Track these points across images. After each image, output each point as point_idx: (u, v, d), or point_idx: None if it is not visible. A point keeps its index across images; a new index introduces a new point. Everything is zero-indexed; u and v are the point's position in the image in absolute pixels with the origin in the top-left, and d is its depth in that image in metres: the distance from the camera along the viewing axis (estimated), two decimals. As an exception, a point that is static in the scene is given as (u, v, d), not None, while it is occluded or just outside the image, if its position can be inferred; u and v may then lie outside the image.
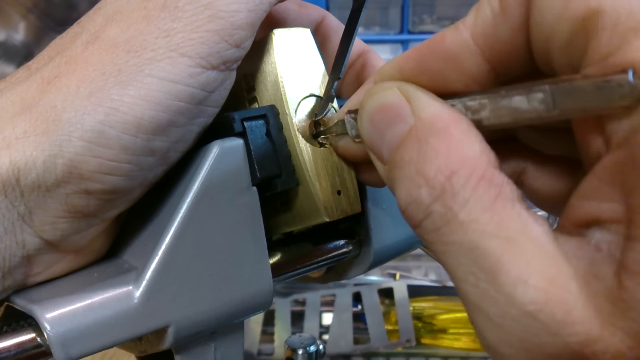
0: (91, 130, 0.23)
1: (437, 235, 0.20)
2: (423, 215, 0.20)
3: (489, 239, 0.18)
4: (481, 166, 0.20)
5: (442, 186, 0.20)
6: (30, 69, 0.26)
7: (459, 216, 0.19)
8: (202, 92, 0.24)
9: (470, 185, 0.19)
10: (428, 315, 0.75)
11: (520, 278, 0.18)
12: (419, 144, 0.21)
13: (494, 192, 0.19)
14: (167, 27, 0.24)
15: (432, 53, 0.22)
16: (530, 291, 0.18)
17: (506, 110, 0.20)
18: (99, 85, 0.23)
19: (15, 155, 0.22)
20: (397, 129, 0.22)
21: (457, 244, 0.19)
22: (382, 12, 1.23)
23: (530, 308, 0.18)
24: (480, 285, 0.19)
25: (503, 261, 0.18)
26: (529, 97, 0.19)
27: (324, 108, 0.28)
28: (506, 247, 0.18)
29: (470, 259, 0.19)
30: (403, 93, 0.22)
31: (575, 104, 0.18)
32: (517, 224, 0.19)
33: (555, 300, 0.17)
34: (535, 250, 0.18)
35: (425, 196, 0.20)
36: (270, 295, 0.28)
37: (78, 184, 0.23)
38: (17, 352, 0.22)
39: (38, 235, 0.24)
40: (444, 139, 0.20)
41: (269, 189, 0.28)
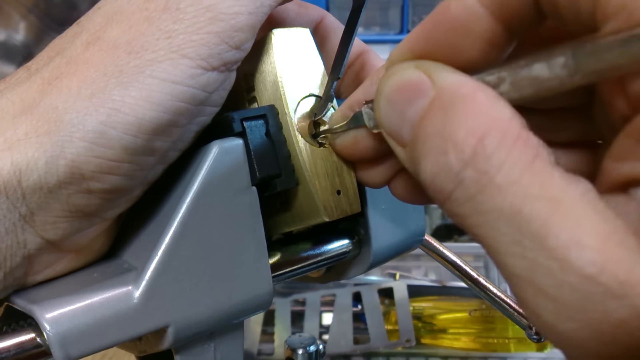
0: (93, 131, 0.23)
1: (471, 206, 0.18)
2: (453, 185, 0.18)
3: (532, 201, 0.17)
4: (515, 127, 0.18)
5: (474, 149, 0.18)
6: (30, 70, 0.26)
7: (496, 179, 0.17)
8: (203, 93, 0.24)
9: (505, 146, 0.18)
10: (428, 315, 0.75)
11: (572, 239, 0.16)
12: (444, 112, 0.19)
13: (532, 153, 0.18)
14: (168, 29, 0.24)
15: (440, 26, 0.20)
16: (587, 252, 0.16)
17: (527, 81, 0.19)
18: (100, 86, 0.23)
19: (17, 157, 0.23)
20: (419, 104, 0.20)
21: (497, 211, 0.17)
22: (382, 12, 1.23)
23: (589, 271, 0.16)
24: (528, 254, 0.17)
25: (551, 223, 0.16)
26: (549, 63, 0.18)
27: (323, 108, 0.28)
28: (552, 208, 0.17)
29: (513, 226, 0.17)
30: (421, 69, 0.21)
31: (598, 64, 0.17)
32: (560, 184, 0.17)
33: (616, 259, 0.16)
34: (585, 209, 0.17)
35: (455, 162, 0.18)
36: (270, 295, 0.28)
37: (79, 184, 0.23)
38: (17, 352, 0.23)
39: (39, 235, 0.24)
40: (472, 103, 0.19)
41: (269, 188, 0.28)
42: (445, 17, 0.20)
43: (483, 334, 0.71)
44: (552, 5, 0.19)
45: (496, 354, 0.70)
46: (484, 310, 0.72)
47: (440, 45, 0.21)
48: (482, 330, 0.71)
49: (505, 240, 0.17)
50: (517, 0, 0.19)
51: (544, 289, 0.17)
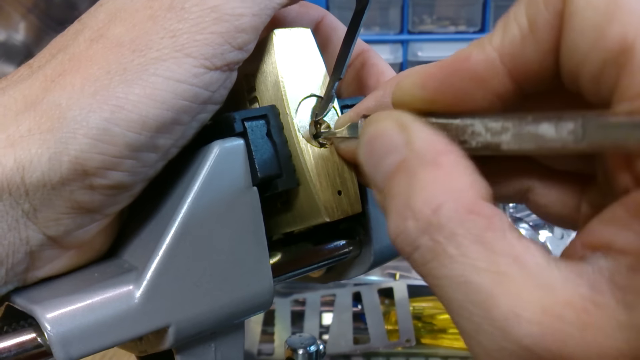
0: (96, 128, 0.23)
1: (427, 269, 0.19)
2: (411, 249, 0.20)
3: (479, 273, 0.18)
4: (469, 198, 0.19)
5: (429, 219, 0.19)
6: (32, 67, 0.26)
7: (448, 250, 0.19)
8: (206, 92, 0.25)
9: (457, 218, 0.19)
10: (428, 315, 0.75)
11: (513, 312, 0.17)
12: (408, 177, 0.20)
13: (483, 224, 0.19)
14: (172, 28, 0.24)
15: (457, 72, 0.21)
16: (524, 325, 0.17)
17: (530, 137, 0.19)
18: (104, 84, 0.23)
19: (20, 154, 0.23)
20: (391, 160, 0.21)
21: (448, 279, 0.19)
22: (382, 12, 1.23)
23: (526, 342, 0.17)
24: (474, 319, 0.18)
25: (495, 295, 0.18)
26: (557, 125, 0.18)
27: (324, 108, 0.28)
28: (497, 280, 0.18)
29: (462, 294, 0.18)
30: (399, 123, 0.22)
31: (606, 138, 0.17)
32: (508, 256, 0.18)
33: (551, 332, 0.17)
34: (528, 282, 0.18)
35: (413, 229, 0.19)
36: (270, 295, 0.28)
37: (82, 181, 0.23)
38: (18, 352, 0.23)
39: (42, 232, 0.24)
40: (432, 171, 0.20)
41: (270, 189, 0.28)
42: (464, 65, 0.21)
43: (483, 334, 0.71)
44: (573, 78, 0.19)
45: (496, 354, 0.70)
46: (484, 311, 0.72)
47: (453, 89, 0.21)
48: (482, 330, 0.71)
49: (456, 304, 0.19)
50: (537, 66, 0.20)
51: (487, 350, 0.18)
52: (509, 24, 0.20)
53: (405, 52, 1.22)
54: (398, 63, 1.21)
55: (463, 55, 0.21)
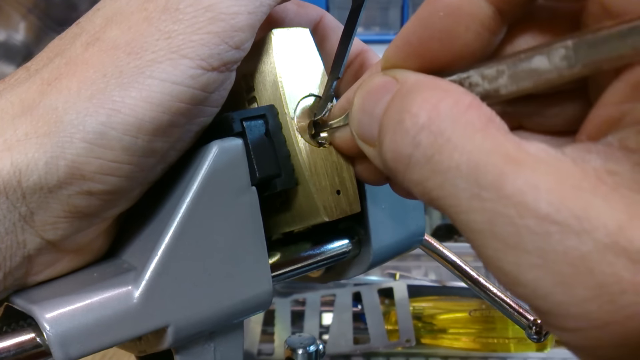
0: (93, 132, 0.23)
1: (430, 167, 0.18)
2: (411, 148, 0.19)
3: (487, 155, 0.17)
4: (467, 97, 0.19)
5: (429, 114, 0.18)
6: (29, 70, 0.26)
7: (452, 138, 0.18)
8: (203, 93, 0.24)
9: (458, 109, 0.18)
10: (428, 315, 0.75)
11: (528, 184, 0.16)
12: (404, 95, 0.20)
13: (484, 117, 0.18)
14: (168, 29, 0.24)
15: (433, 13, 0.21)
16: (542, 194, 0.16)
17: (525, 74, 0.19)
18: (100, 87, 0.23)
19: (17, 157, 0.23)
20: (384, 100, 0.21)
21: (454, 169, 0.18)
22: (382, 12, 1.22)
23: (546, 210, 0.16)
24: (487, 206, 0.17)
25: (507, 172, 0.17)
26: (549, 54, 0.18)
27: (323, 108, 0.28)
28: (507, 159, 0.17)
29: (471, 181, 0.17)
30: (388, 74, 0.22)
31: (598, 55, 0.17)
32: (514, 143, 0.17)
33: (571, 198, 0.16)
34: (538, 160, 0.17)
35: (411, 126, 0.19)
36: (269, 295, 0.28)
37: (80, 185, 0.23)
38: (17, 352, 0.23)
39: (39, 236, 0.24)
40: (428, 85, 0.20)
41: (269, 188, 0.28)
42: (438, 3, 0.21)
43: (483, 334, 0.71)
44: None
45: (496, 354, 0.70)
46: (484, 310, 0.72)
47: (436, 32, 0.21)
48: (482, 330, 0.71)
49: (465, 196, 0.17)
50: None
51: (504, 239, 0.17)
52: None
53: (405, 52, 1.22)
54: (398, 63, 1.21)
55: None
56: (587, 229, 0.16)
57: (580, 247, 0.16)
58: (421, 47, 0.21)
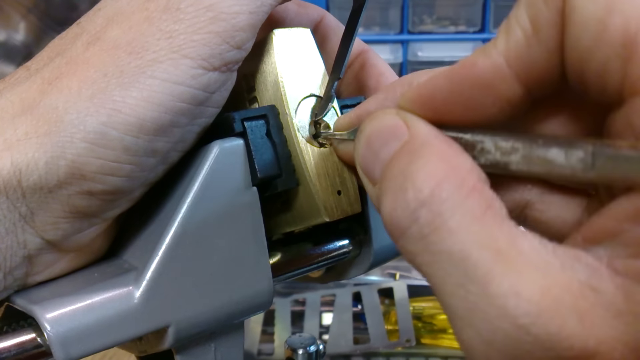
0: (93, 132, 0.23)
1: (423, 244, 0.19)
2: (408, 222, 0.19)
3: (479, 249, 0.18)
4: (472, 178, 0.19)
5: (431, 191, 0.19)
6: (29, 70, 0.26)
7: (448, 223, 0.18)
8: (204, 93, 0.24)
9: (460, 193, 0.19)
10: (428, 315, 0.75)
11: (512, 289, 0.17)
12: (410, 156, 0.20)
13: (484, 204, 0.18)
14: (169, 29, 0.24)
15: (465, 80, 0.21)
16: (523, 303, 0.17)
17: (539, 160, 0.19)
18: (101, 87, 0.23)
19: (17, 157, 0.22)
20: (391, 146, 0.21)
21: (446, 253, 0.18)
22: (382, 12, 1.22)
23: (523, 321, 0.17)
24: (470, 298, 0.18)
25: (495, 272, 0.17)
26: (567, 152, 0.18)
27: (324, 108, 0.28)
28: (497, 258, 0.17)
29: (460, 270, 0.18)
30: (401, 116, 0.22)
31: (616, 170, 0.17)
32: (507, 238, 0.18)
33: (549, 313, 0.17)
34: (527, 262, 0.17)
35: (412, 200, 0.19)
36: (270, 295, 0.28)
37: (80, 185, 0.23)
38: (17, 352, 0.23)
39: (39, 236, 0.24)
40: (436, 151, 0.20)
41: (269, 189, 0.28)
42: (471, 72, 0.20)
43: (483, 334, 0.71)
44: (579, 75, 0.19)
45: (496, 354, 0.70)
46: (483, 310, 0.72)
47: (462, 98, 0.21)
48: (482, 330, 0.71)
49: (451, 282, 0.18)
50: (544, 66, 0.20)
51: (480, 332, 0.18)
52: (511, 27, 0.20)
53: (405, 52, 1.22)
54: (398, 63, 1.21)
55: (469, 62, 0.20)
56: (556, 348, 0.17)
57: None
58: (443, 106, 0.21)
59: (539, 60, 0.19)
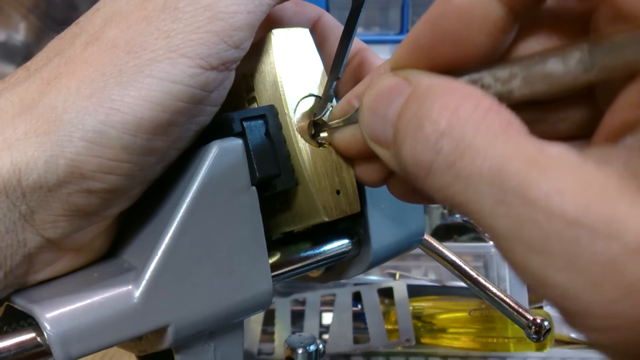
0: (92, 131, 0.23)
1: (452, 173, 0.18)
2: (432, 155, 0.19)
3: (510, 160, 0.17)
4: (487, 100, 0.19)
5: (449, 120, 0.18)
6: (28, 70, 0.26)
7: (473, 144, 0.18)
8: (202, 92, 0.24)
9: (478, 114, 0.18)
10: (428, 315, 0.75)
11: (553, 188, 0.16)
12: (420, 99, 0.20)
13: (504, 120, 0.18)
14: (167, 28, 0.24)
15: (444, 16, 0.20)
16: (568, 198, 0.16)
17: (539, 77, 0.19)
18: (99, 86, 0.23)
19: (17, 156, 0.23)
20: (397, 102, 0.21)
21: (477, 174, 0.18)
22: (382, 12, 1.22)
23: (573, 215, 0.16)
24: (511, 211, 0.17)
25: (531, 177, 0.17)
26: (564, 58, 0.18)
27: (323, 108, 0.29)
28: (530, 165, 0.17)
29: (494, 186, 0.17)
30: (399, 75, 0.22)
31: (615, 61, 0.17)
32: (535, 147, 0.17)
33: (598, 202, 0.16)
34: (561, 164, 0.17)
35: (432, 133, 0.19)
36: (269, 295, 0.28)
37: (79, 184, 0.23)
38: (17, 352, 0.23)
39: (39, 234, 0.24)
40: (444, 88, 0.19)
41: (268, 188, 0.28)
42: (448, 6, 0.20)
43: (483, 333, 0.71)
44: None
45: (496, 353, 0.70)
46: (483, 310, 0.72)
47: (447, 35, 0.21)
48: (481, 329, 0.71)
49: (489, 202, 0.17)
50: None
51: (531, 244, 0.17)
52: None
53: (405, 52, 1.22)
54: (398, 63, 1.21)
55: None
56: (615, 233, 0.16)
57: (609, 250, 0.16)
58: (431, 50, 0.21)
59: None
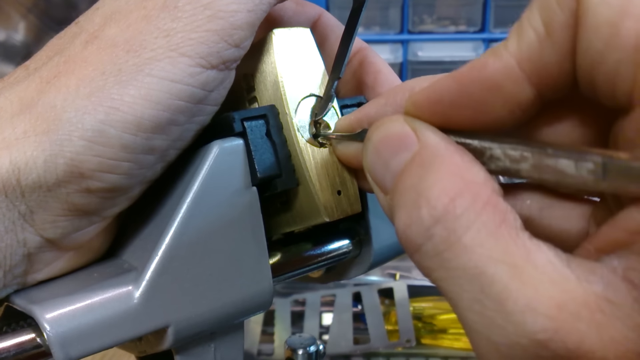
0: (92, 130, 0.23)
1: (438, 261, 0.19)
2: (423, 239, 0.19)
3: (495, 264, 0.18)
4: (485, 192, 0.19)
5: (445, 207, 0.19)
6: (28, 69, 0.26)
7: (463, 240, 0.18)
8: (202, 91, 0.24)
9: (474, 208, 0.18)
10: (428, 316, 0.75)
11: (529, 305, 0.17)
12: (422, 169, 0.20)
13: (499, 218, 0.18)
14: (166, 27, 0.24)
15: (474, 82, 0.20)
16: (540, 319, 0.17)
17: (550, 170, 0.19)
18: (99, 85, 0.23)
19: (16, 156, 0.22)
20: (401, 157, 0.21)
21: (461, 270, 0.18)
22: (382, 12, 1.23)
23: (541, 337, 0.17)
24: (486, 313, 0.18)
25: (511, 288, 0.17)
26: (577, 164, 0.18)
27: (324, 108, 0.28)
28: (513, 273, 0.17)
29: (475, 286, 0.18)
30: (409, 124, 0.22)
31: (627, 184, 0.17)
32: (522, 252, 0.18)
33: (567, 328, 0.17)
34: (543, 277, 0.17)
35: (427, 217, 0.19)
36: (270, 295, 0.28)
37: (79, 183, 0.23)
38: (17, 352, 0.22)
39: (39, 234, 0.24)
40: (448, 164, 0.20)
41: (269, 189, 0.28)
42: (481, 74, 0.20)
43: (483, 334, 0.71)
44: (590, 79, 0.19)
45: (496, 354, 0.70)
46: (484, 311, 0.71)
47: (472, 101, 0.21)
48: (482, 330, 0.71)
49: (467, 297, 0.18)
50: (556, 69, 0.19)
51: (498, 346, 0.18)
52: (523, 29, 0.19)
53: (405, 52, 1.22)
54: (398, 63, 1.21)
55: (479, 64, 0.20)
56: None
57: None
58: (451, 109, 0.21)
59: (550, 63, 0.19)
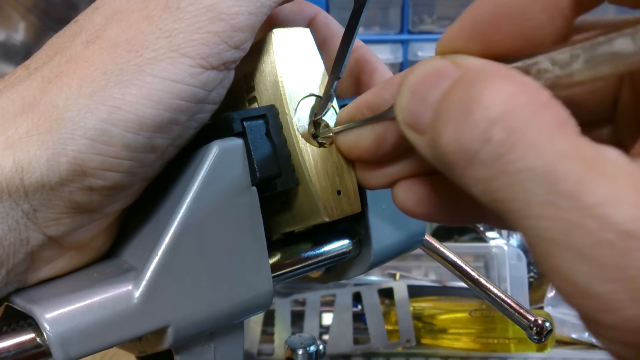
0: (94, 129, 0.23)
1: (499, 166, 0.17)
2: (479, 144, 0.17)
3: (565, 160, 0.16)
4: (543, 95, 0.17)
5: (502, 107, 0.17)
6: (29, 69, 0.26)
7: (528, 137, 0.17)
8: (202, 91, 0.25)
9: (535, 105, 0.17)
10: (428, 316, 0.75)
11: (610, 196, 0.15)
12: (470, 84, 0.18)
13: (560, 118, 0.17)
14: (168, 28, 0.24)
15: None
16: (625, 208, 0.15)
17: (605, 57, 0.17)
18: (100, 85, 0.23)
19: (19, 155, 0.23)
20: (441, 85, 0.19)
21: (528, 171, 0.16)
22: (382, 12, 1.22)
23: (629, 227, 0.15)
24: (562, 215, 0.16)
25: (586, 181, 0.16)
26: (635, 37, 0.17)
27: (323, 108, 0.28)
28: (587, 166, 0.16)
29: (546, 186, 0.16)
30: (448, 59, 0.20)
31: None
32: (592, 148, 0.16)
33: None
34: (618, 169, 0.16)
35: (482, 120, 0.17)
36: (270, 295, 0.28)
37: (81, 181, 0.23)
38: (17, 352, 0.22)
39: (42, 232, 0.24)
40: (499, 73, 0.18)
41: (269, 189, 0.28)
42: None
43: (483, 334, 0.71)
44: None
45: (496, 354, 0.70)
46: (484, 311, 0.72)
47: (510, 8, 0.19)
48: (482, 330, 0.71)
49: (537, 202, 0.16)
50: None
51: (579, 250, 0.16)
52: None
53: (405, 52, 1.22)
54: (398, 63, 1.21)
55: None
56: None
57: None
58: (490, 25, 0.20)
59: None
